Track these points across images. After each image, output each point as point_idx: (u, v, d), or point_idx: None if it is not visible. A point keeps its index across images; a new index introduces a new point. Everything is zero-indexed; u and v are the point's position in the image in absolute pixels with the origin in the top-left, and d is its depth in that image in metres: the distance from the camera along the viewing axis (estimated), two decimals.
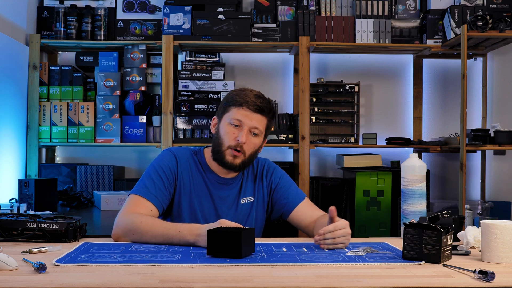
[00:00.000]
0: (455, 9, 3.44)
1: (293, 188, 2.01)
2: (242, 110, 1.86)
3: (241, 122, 1.86)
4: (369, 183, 3.47)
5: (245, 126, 1.86)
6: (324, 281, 1.24)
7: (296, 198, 1.99)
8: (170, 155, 1.92)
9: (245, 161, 1.89)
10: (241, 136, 1.85)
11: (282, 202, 1.98)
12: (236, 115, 1.86)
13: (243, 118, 1.86)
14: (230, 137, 1.86)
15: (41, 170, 3.48)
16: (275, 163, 2.08)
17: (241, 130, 1.86)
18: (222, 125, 1.89)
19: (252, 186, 1.99)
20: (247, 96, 1.87)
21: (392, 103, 3.95)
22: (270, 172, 2.02)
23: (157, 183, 1.85)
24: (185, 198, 1.90)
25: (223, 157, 1.87)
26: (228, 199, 1.94)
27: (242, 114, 1.86)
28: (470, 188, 3.89)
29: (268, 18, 3.58)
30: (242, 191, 1.97)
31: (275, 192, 2.00)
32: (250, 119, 1.86)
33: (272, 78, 3.90)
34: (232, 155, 1.86)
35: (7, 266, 1.29)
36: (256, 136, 1.89)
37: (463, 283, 1.24)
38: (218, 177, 1.94)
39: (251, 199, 1.98)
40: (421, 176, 1.78)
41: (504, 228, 1.44)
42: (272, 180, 2.01)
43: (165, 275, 1.26)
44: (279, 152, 3.83)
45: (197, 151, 1.98)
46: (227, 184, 1.95)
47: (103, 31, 3.57)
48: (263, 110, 1.88)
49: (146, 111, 3.57)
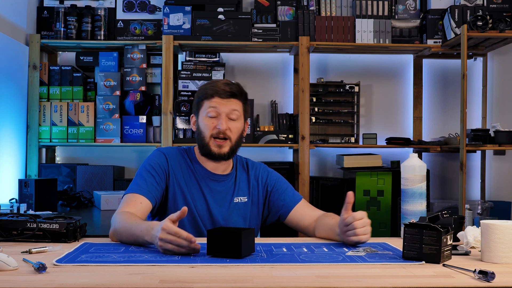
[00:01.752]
0: (455, 9, 3.44)
1: (290, 190, 2.01)
2: (214, 99, 1.87)
3: (216, 111, 1.87)
4: (369, 183, 3.47)
5: (222, 113, 1.87)
6: (324, 281, 1.23)
7: (294, 199, 1.98)
8: (160, 154, 1.93)
9: (232, 147, 1.89)
10: (221, 124, 1.86)
11: (279, 204, 1.98)
12: (210, 106, 1.87)
13: (218, 105, 1.87)
14: (210, 127, 1.87)
15: (41, 170, 3.48)
16: (273, 164, 2.08)
17: (219, 119, 1.87)
18: (200, 120, 1.90)
19: (246, 186, 1.98)
20: (216, 86, 1.89)
21: (392, 103, 3.95)
22: (265, 174, 2.02)
23: (148, 180, 1.85)
24: (179, 195, 1.90)
25: (209, 150, 1.88)
26: (219, 195, 1.93)
27: (215, 103, 1.87)
28: (470, 188, 3.89)
29: (268, 18, 3.58)
30: (236, 190, 1.96)
31: (271, 195, 2.00)
32: (225, 105, 1.87)
33: (272, 78, 3.90)
34: (217, 145, 1.87)
35: (7, 266, 1.29)
36: (236, 120, 1.89)
37: (463, 283, 1.24)
38: (209, 173, 1.94)
39: (245, 199, 1.97)
40: (421, 176, 1.78)
41: (504, 228, 1.44)
42: (268, 183, 2.01)
43: (165, 275, 1.26)
44: (279, 152, 3.83)
45: (187, 149, 1.99)
46: (219, 180, 1.94)
47: (103, 31, 3.57)
48: (235, 94, 1.89)
49: (146, 111, 3.57)
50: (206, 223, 1.92)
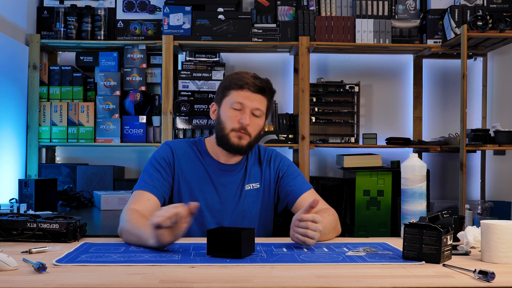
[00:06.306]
0: (455, 9, 3.44)
1: (300, 178, 1.98)
2: (242, 92, 1.84)
3: (242, 105, 1.84)
4: (369, 183, 3.47)
5: (247, 108, 1.84)
6: (324, 281, 1.23)
7: (302, 187, 1.95)
8: (166, 148, 1.92)
9: (251, 142, 1.87)
10: (245, 119, 1.82)
11: (287, 190, 1.95)
12: (237, 98, 1.84)
13: (244, 100, 1.84)
14: (233, 120, 1.84)
15: (41, 170, 3.48)
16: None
17: (243, 113, 1.84)
18: (223, 109, 1.87)
19: (258, 171, 1.96)
20: (245, 78, 1.86)
21: (392, 103, 3.95)
22: (278, 160, 2.00)
23: (154, 175, 1.85)
24: (185, 189, 1.89)
25: (228, 140, 1.85)
26: (231, 185, 1.92)
27: (243, 96, 1.84)
28: (470, 188, 3.89)
29: (268, 18, 3.58)
30: (247, 177, 1.94)
31: (281, 180, 1.97)
32: (252, 101, 1.84)
33: (272, 78, 3.82)
34: (238, 137, 1.84)
35: (7, 266, 1.29)
36: (258, 117, 1.87)
37: (463, 283, 1.24)
38: (220, 164, 1.92)
39: (257, 185, 1.95)
40: (421, 176, 1.78)
41: (504, 228, 1.44)
42: (280, 168, 1.98)
43: (165, 275, 1.26)
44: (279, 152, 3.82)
45: (196, 141, 1.96)
46: (230, 170, 1.92)
47: (103, 31, 3.57)
48: (264, 90, 1.86)
49: (146, 111, 3.57)
50: (216, 215, 1.90)
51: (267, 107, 1.90)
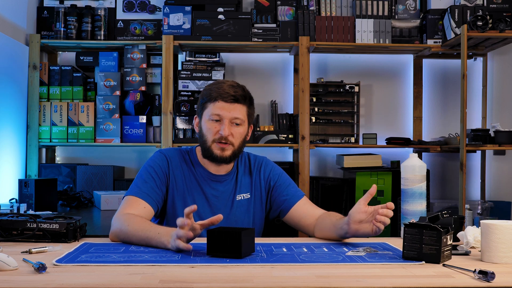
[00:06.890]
0: (455, 9, 3.44)
1: (292, 186, 2.00)
2: (219, 103, 1.85)
3: (220, 116, 1.85)
4: (369, 183, 3.47)
5: (225, 119, 1.85)
6: (324, 281, 1.24)
7: (295, 196, 1.96)
8: (161, 156, 1.92)
9: (235, 151, 1.88)
10: (223, 130, 1.84)
11: (280, 199, 1.96)
12: (214, 110, 1.85)
13: (221, 111, 1.85)
14: (213, 132, 1.86)
15: (41, 170, 3.48)
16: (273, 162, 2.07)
17: (222, 124, 1.85)
18: (203, 122, 1.89)
19: (248, 182, 1.98)
20: (221, 88, 1.86)
21: (392, 103, 3.95)
22: (268, 169, 2.01)
23: (149, 182, 1.85)
24: (179, 198, 1.90)
25: (211, 152, 1.87)
26: (222, 196, 1.93)
27: (219, 107, 1.85)
28: (470, 188, 3.89)
29: (268, 18, 3.58)
30: (238, 187, 1.95)
31: (273, 190, 1.98)
32: (229, 111, 1.85)
33: (272, 78, 3.90)
34: (220, 148, 1.86)
35: (7, 266, 1.29)
36: (239, 125, 1.88)
37: (463, 283, 1.24)
38: (210, 174, 1.93)
39: (247, 195, 1.96)
40: (421, 176, 1.78)
41: (504, 228, 1.44)
42: (271, 178, 1.99)
43: (165, 275, 1.26)
44: (279, 152, 3.83)
45: (188, 150, 1.97)
46: (221, 181, 1.94)
47: (103, 31, 3.57)
48: (239, 99, 1.87)
49: (146, 111, 3.57)
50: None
51: (248, 114, 1.91)
